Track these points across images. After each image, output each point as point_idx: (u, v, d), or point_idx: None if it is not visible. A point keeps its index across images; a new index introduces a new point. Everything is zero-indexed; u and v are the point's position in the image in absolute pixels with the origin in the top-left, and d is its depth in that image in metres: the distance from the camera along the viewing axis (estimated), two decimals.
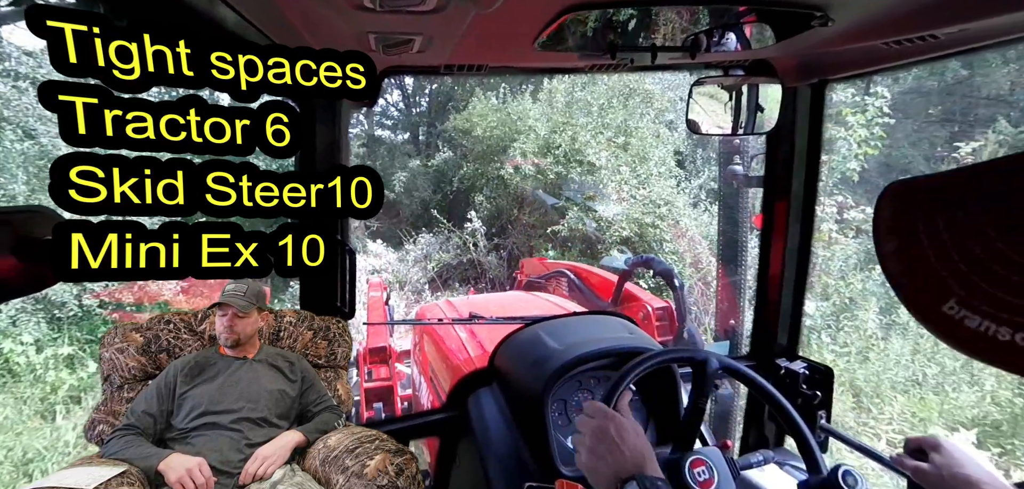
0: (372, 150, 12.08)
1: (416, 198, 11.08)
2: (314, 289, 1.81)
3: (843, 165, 5.64)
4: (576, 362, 1.32)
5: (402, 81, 12.94)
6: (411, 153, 12.30)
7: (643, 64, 1.44)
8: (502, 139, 9.78)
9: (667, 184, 8.24)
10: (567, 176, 8.67)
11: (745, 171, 2.65)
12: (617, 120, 8.85)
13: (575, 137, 8.63)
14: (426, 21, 1.04)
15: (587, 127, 8.81)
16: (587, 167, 8.51)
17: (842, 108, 5.67)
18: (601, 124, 8.89)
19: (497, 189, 9.84)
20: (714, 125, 1.68)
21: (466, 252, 9.22)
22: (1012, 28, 1.04)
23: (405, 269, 9.22)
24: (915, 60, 1.29)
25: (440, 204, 10.78)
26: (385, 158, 11.75)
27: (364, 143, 12.19)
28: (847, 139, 5.62)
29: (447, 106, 12.13)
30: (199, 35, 0.79)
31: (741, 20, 1.23)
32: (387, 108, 13.16)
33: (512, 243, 9.30)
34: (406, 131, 13.13)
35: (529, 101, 9.78)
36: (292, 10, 0.94)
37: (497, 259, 9.22)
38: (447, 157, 11.38)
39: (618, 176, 8.32)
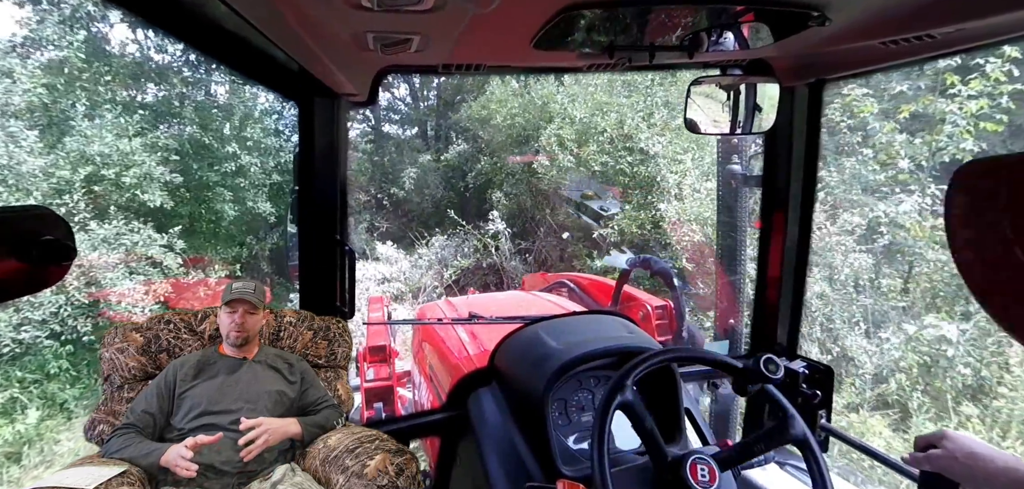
0: (380, 146, 11.64)
1: (427, 196, 10.56)
2: (314, 289, 1.81)
3: (953, 145, 4.36)
4: (577, 361, 1.32)
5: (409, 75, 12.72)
6: (420, 148, 11.65)
7: (641, 63, 1.44)
8: (525, 127, 8.70)
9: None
10: (616, 167, 7.45)
11: (744, 171, 2.66)
12: (671, 97, 7.37)
13: (623, 121, 7.42)
14: (424, 20, 1.04)
15: (635, 108, 7.53)
16: (639, 155, 7.25)
17: (946, 74, 4.56)
18: (650, 105, 7.53)
19: (518, 186, 8.82)
20: (712, 125, 1.68)
21: (486, 255, 8.48)
22: (1009, 28, 1.05)
23: (418, 275, 8.67)
24: (912, 60, 1.29)
25: (453, 202, 10.10)
26: (393, 154, 11.29)
27: (371, 140, 11.79)
28: (953, 114, 4.38)
29: (456, 98, 11.50)
30: (197, 34, 0.79)
31: (739, 20, 1.23)
32: (393, 102, 12.72)
33: (541, 248, 8.43)
34: (414, 126, 12.58)
35: (553, 84, 8.64)
36: (290, 10, 0.94)
37: (523, 265, 8.51)
38: (462, 150, 10.54)
39: (678, 166, 6.84)
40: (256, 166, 8.72)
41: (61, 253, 0.48)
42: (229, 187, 8.54)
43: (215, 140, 8.49)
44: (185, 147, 8.22)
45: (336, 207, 1.76)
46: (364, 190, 10.57)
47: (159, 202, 7.27)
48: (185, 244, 7.67)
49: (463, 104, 10.88)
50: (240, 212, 8.63)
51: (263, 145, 8.95)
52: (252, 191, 8.81)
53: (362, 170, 10.72)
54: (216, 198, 8.38)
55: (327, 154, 1.70)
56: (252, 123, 8.86)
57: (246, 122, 8.78)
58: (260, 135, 8.88)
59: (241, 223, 8.80)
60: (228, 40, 1.13)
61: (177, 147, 8.00)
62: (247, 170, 8.59)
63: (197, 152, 8.36)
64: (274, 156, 9.14)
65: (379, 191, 10.73)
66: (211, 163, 8.44)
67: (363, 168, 10.80)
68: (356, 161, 10.53)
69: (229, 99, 9.11)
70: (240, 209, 8.64)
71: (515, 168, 8.94)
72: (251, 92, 9.01)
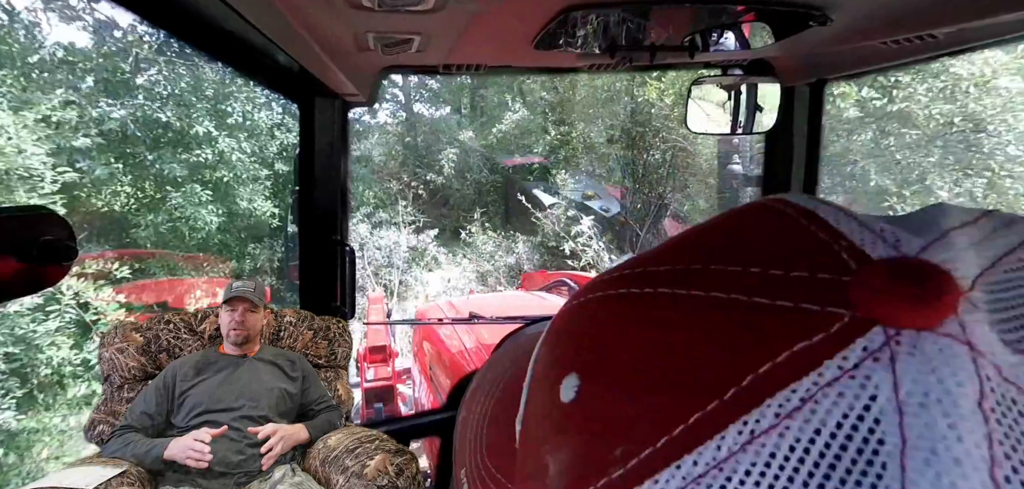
0: (412, 126, 10.06)
1: (470, 181, 8.75)
2: (314, 289, 1.81)
3: None
4: None
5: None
6: (461, 123, 9.90)
7: (642, 64, 1.44)
8: (615, 79, 6.60)
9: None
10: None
11: (744, 171, 2.65)
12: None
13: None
14: (425, 20, 1.04)
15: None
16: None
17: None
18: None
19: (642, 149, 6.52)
20: (713, 125, 1.68)
21: (555, 256, 6.86)
22: (1010, 27, 1.05)
23: (470, 278, 7.38)
24: (914, 59, 1.29)
25: (499, 187, 8.58)
26: (428, 135, 9.71)
27: (400, 122, 10.30)
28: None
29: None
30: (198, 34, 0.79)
31: (740, 19, 1.23)
32: (423, 79, 10.46)
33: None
34: (447, 106, 10.89)
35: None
36: (292, 11, 0.94)
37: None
38: (520, 118, 8.77)
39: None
40: (243, 152, 6.48)
41: (62, 253, 0.48)
42: (207, 183, 6.21)
43: (179, 117, 6.11)
44: (126, 129, 5.72)
45: (337, 207, 1.76)
46: (397, 177, 8.97)
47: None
48: (134, 273, 5.29)
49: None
50: (226, 219, 6.43)
51: (252, 123, 6.62)
52: (240, 186, 6.51)
53: (393, 155, 9.28)
54: (188, 200, 6.04)
55: (328, 154, 1.70)
56: (233, 98, 6.53)
57: (225, 100, 6.42)
58: (246, 109, 6.57)
59: (230, 231, 6.69)
60: (230, 41, 1.13)
61: (112, 129, 5.54)
62: (229, 159, 6.31)
63: (151, 136, 5.95)
64: (269, 138, 6.85)
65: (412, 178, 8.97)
66: (175, 148, 6.05)
67: (394, 153, 9.33)
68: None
69: (195, 62, 6.64)
70: (224, 213, 6.35)
71: (606, 130, 7.27)
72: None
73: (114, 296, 4.94)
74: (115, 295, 4.96)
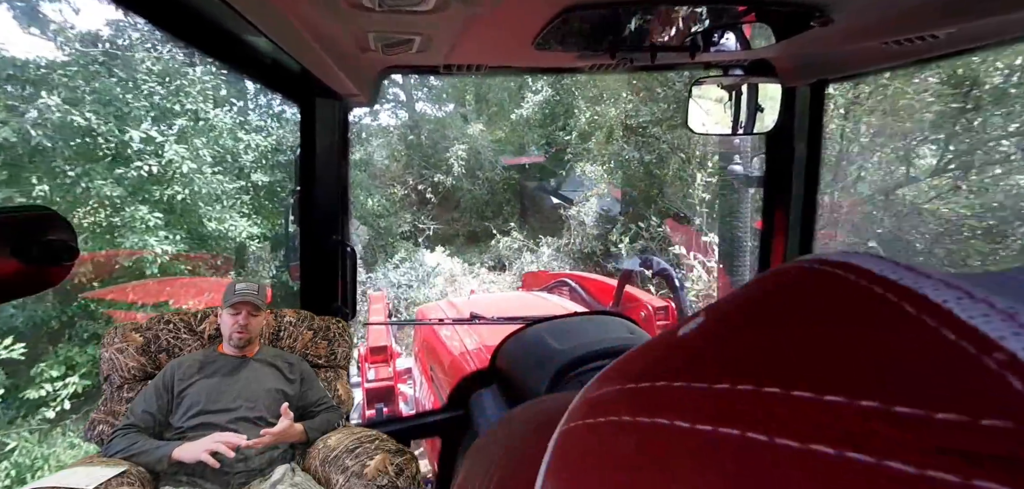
0: (417, 125, 9.47)
1: (481, 180, 7.84)
2: (314, 289, 1.81)
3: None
4: (578, 362, 1.32)
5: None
6: (468, 116, 8.96)
7: (643, 64, 1.44)
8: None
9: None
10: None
11: (746, 171, 2.65)
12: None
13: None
14: (425, 21, 1.04)
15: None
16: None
17: None
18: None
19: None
20: (714, 125, 1.68)
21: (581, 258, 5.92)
22: (1013, 27, 1.04)
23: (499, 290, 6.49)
24: (915, 60, 1.29)
25: (519, 186, 7.68)
26: (435, 133, 9.05)
27: (404, 122, 9.71)
28: None
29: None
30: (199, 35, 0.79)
31: (741, 20, 1.23)
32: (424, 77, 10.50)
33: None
34: (451, 103, 10.30)
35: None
36: (290, 9, 0.94)
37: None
38: (543, 100, 7.57)
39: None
40: (203, 161, 4.86)
41: (63, 253, 0.48)
42: (156, 203, 4.56)
43: (110, 116, 4.39)
44: (27, 138, 4.01)
45: (337, 207, 1.76)
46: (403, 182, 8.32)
47: None
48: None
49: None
50: (186, 245, 4.77)
51: (207, 124, 4.92)
52: (205, 204, 4.85)
53: (396, 156, 8.70)
54: (129, 227, 4.33)
55: (329, 155, 1.70)
56: (182, 93, 4.68)
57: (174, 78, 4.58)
58: (207, 96, 4.79)
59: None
60: (230, 41, 1.13)
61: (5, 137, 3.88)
62: (179, 170, 4.62)
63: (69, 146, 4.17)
64: (233, 140, 5.11)
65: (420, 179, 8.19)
66: (108, 158, 4.44)
67: (398, 154, 8.73)
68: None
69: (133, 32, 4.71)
70: (184, 238, 4.68)
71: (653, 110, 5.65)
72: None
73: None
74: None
